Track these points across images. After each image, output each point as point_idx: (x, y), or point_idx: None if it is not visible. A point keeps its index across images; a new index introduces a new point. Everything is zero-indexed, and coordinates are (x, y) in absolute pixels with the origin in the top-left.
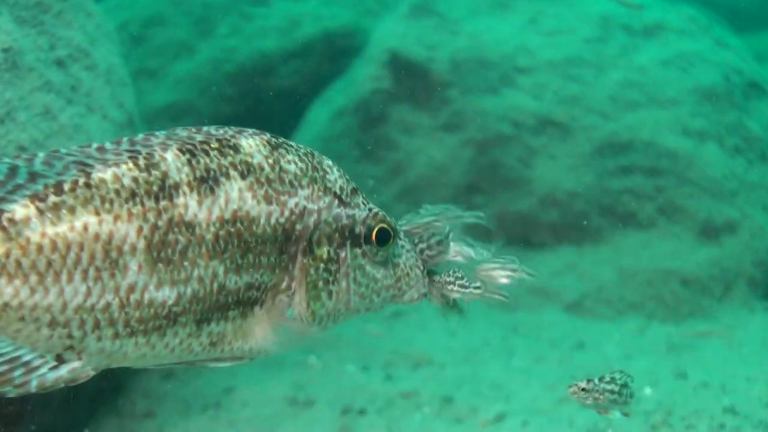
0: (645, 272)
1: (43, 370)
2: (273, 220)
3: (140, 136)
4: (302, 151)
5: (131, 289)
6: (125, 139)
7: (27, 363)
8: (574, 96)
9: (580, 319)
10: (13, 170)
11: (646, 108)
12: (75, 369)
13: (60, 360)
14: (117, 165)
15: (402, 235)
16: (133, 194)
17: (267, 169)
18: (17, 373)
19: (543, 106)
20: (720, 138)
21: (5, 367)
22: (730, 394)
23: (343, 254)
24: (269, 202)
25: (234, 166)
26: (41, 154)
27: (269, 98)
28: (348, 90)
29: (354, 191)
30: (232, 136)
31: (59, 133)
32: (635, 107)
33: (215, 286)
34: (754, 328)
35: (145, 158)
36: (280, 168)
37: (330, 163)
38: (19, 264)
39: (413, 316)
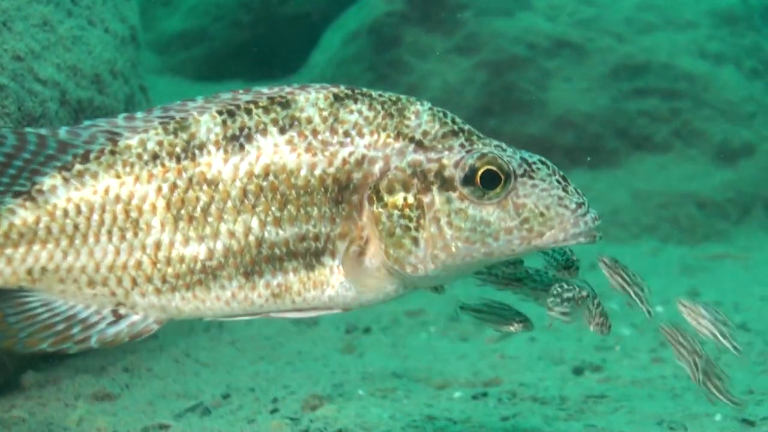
0: (660, 195)
1: (102, 326)
2: (318, 171)
3: (177, 103)
4: (380, 99)
5: (158, 246)
6: (157, 107)
7: (84, 320)
8: (589, 18)
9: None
10: (41, 140)
11: (663, 30)
12: (135, 323)
13: (117, 316)
14: (146, 131)
15: (539, 173)
16: (155, 156)
17: (317, 121)
18: (75, 330)
19: (558, 28)
20: (737, 61)
21: (63, 326)
22: (743, 313)
23: (428, 199)
24: (313, 154)
25: (275, 121)
26: (65, 127)
27: (283, 24)
28: (361, 13)
29: (449, 134)
30: (289, 93)
31: (57, 44)
32: (651, 29)
33: (251, 239)
34: None
35: (176, 123)
36: (336, 119)
37: (419, 108)
38: (48, 229)
39: None
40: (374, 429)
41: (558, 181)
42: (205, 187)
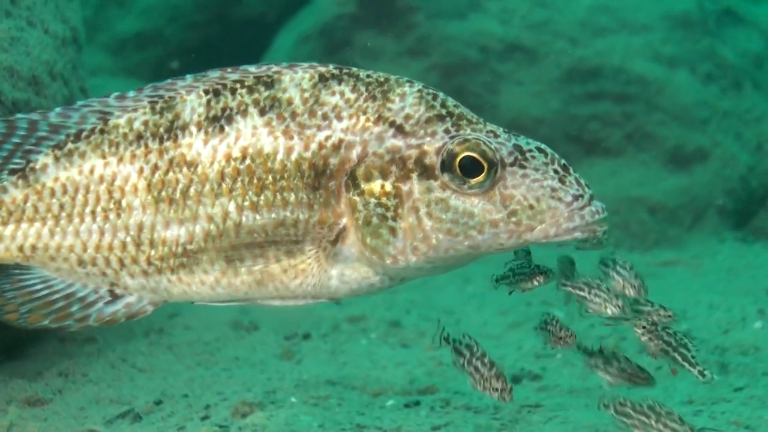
0: (611, 200)
1: (100, 305)
2: (295, 155)
3: (166, 81)
4: (367, 80)
5: (140, 228)
6: (149, 85)
7: (82, 298)
8: (542, 21)
9: (542, 247)
10: (32, 124)
11: (617, 34)
12: (130, 304)
13: (114, 296)
14: (135, 110)
15: (532, 162)
16: (140, 137)
17: (297, 102)
18: (75, 308)
19: (510, 32)
20: (692, 65)
21: (62, 303)
22: (690, 320)
23: (407, 187)
24: (289, 137)
25: (257, 102)
26: (57, 109)
27: (238, 26)
28: (313, 15)
29: (433, 119)
30: (276, 72)
31: None
32: (605, 33)
33: (229, 224)
34: (722, 258)
35: (164, 102)
36: (316, 101)
37: (407, 89)
38: (35, 208)
39: None
40: None
41: (555, 171)
42: (184, 169)
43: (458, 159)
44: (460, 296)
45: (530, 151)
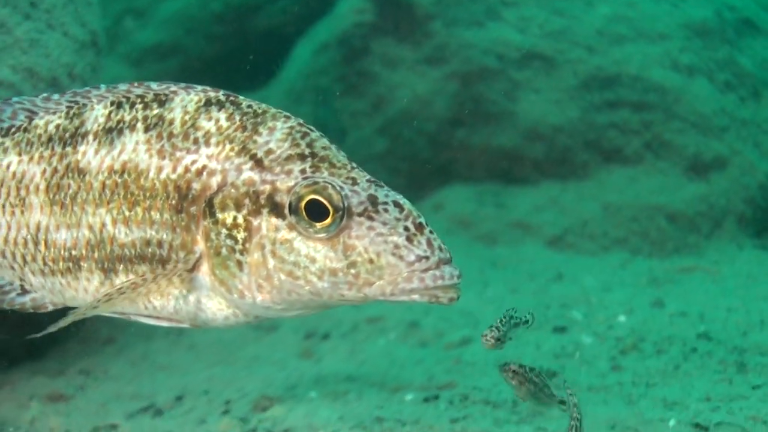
0: (630, 208)
1: (12, 295)
2: (163, 175)
3: (85, 89)
4: (245, 110)
5: (38, 227)
6: (71, 91)
7: (1, 287)
8: (560, 29)
9: (561, 254)
10: None
11: (635, 42)
12: (36, 299)
13: (23, 290)
14: (54, 113)
15: (382, 215)
16: (50, 139)
17: (177, 124)
18: None
19: (528, 40)
20: (710, 73)
21: None
22: (708, 323)
23: (256, 222)
24: (162, 157)
25: (146, 119)
26: None
27: (257, 37)
28: (331, 24)
29: (294, 157)
30: (172, 91)
31: (13, 46)
32: (623, 41)
33: (105, 235)
34: (741, 264)
35: (77, 108)
36: (193, 124)
37: (278, 124)
38: None
39: None
40: (322, 429)
41: (406, 228)
42: (76, 175)
43: (304, 201)
44: (478, 299)
45: (384, 204)
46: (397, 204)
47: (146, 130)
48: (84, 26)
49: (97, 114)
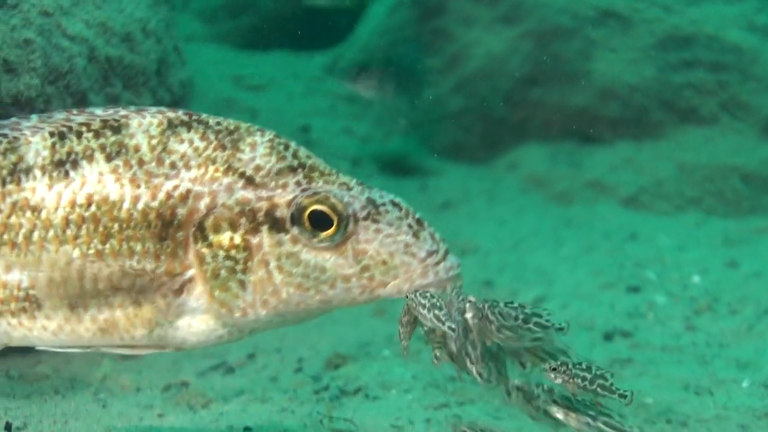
0: (705, 168)
1: None
2: (141, 204)
3: (10, 120)
4: (216, 128)
5: None
6: None
7: None
8: None
9: (636, 213)
10: None
11: (711, 2)
12: None
13: None
14: None
15: (386, 216)
16: None
17: (144, 150)
18: None
19: None
20: None
21: None
22: None
23: (256, 240)
24: (137, 185)
25: (103, 147)
26: None
27: None
28: None
29: (285, 170)
30: (123, 116)
31: (87, 1)
32: (699, 1)
33: (73, 271)
34: None
35: (8, 142)
36: (164, 148)
37: (257, 139)
38: None
39: (462, 207)
40: (394, 387)
41: (409, 226)
42: (28, 213)
43: (307, 212)
44: (553, 258)
45: (384, 205)
46: (394, 203)
47: (108, 159)
48: None
49: (37, 147)
